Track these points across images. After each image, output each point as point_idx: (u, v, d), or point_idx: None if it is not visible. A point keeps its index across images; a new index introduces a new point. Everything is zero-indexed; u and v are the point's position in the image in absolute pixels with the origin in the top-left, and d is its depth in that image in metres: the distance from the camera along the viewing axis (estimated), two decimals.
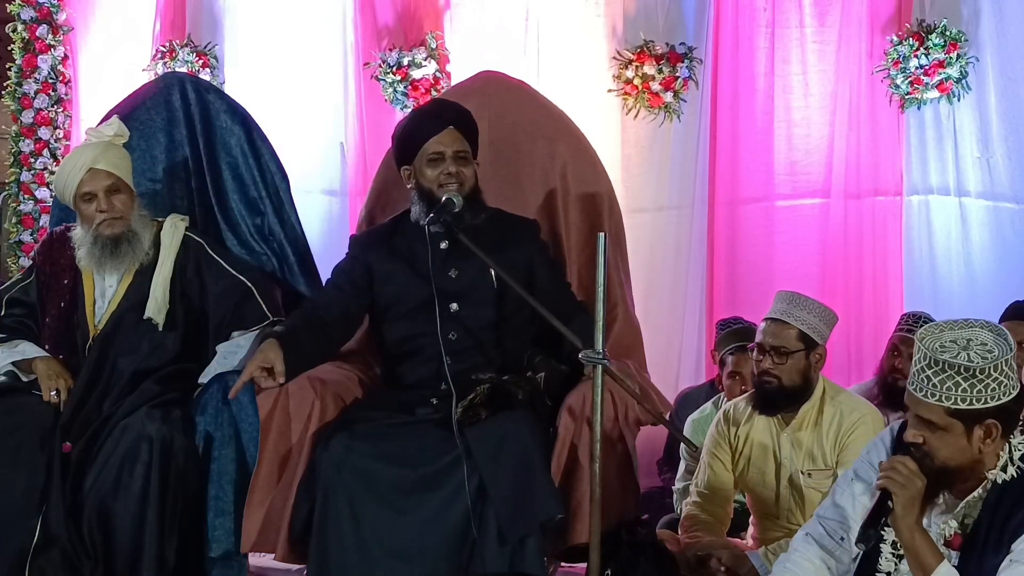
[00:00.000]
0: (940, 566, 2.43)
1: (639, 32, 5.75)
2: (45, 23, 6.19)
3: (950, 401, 2.46)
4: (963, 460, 2.50)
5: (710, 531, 3.63)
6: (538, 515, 3.28)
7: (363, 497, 3.36)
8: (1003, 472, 2.51)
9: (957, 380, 2.45)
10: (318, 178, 5.96)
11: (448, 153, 3.65)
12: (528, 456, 3.31)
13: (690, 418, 4.66)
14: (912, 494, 2.45)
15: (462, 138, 3.69)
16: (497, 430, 3.35)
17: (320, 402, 3.55)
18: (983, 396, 2.46)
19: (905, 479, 2.44)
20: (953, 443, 2.48)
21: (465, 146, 3.69)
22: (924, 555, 2.45)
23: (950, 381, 2.46)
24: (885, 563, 2.58)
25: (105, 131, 3.92)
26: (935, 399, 2.47)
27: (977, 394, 2.45)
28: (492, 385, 3.47)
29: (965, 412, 2.46)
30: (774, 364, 3.55)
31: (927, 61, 5.39)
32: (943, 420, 2.47)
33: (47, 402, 3.68)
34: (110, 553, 3.56)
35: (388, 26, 6.03)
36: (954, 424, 2.47)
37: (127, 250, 3.82)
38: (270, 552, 3.57)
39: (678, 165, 5.73)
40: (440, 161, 3.65)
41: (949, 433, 2.48)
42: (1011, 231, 5.36)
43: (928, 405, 2.48)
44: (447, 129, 3.67)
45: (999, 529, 2.46)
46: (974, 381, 2.45)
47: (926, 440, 2.50)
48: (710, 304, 5.67)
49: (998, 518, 2.47)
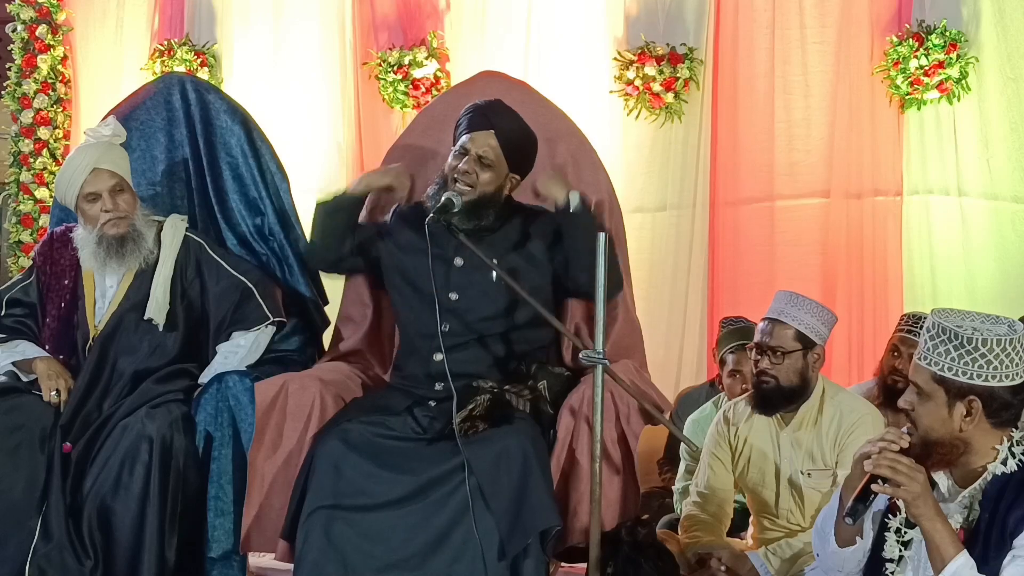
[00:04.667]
0: (959, 556, 2.43)
1: (640, 33, 5.76)
2: (45, 23, 6.21)
3: (937, 367, 2.49)
4: (943, 433, 2.50)
5: (710, 531, 3.63)
6: (535, 525, 3.26)
7: (352, 503, 3.33)
8: (1003, 465, 2.51)
9: (948, 348, 2.48)
10: (317, 178, 5.96)
11: (472, 152, 3.63)
12: (528, 467, 3.29)
13: (690, 418, 4.66)
14: (919, 490, 2.44)
15: (497, 145, 3.63)
16: (496, 443, 3.33)
17: (320, 401, 3.55)
18: (970, 371, 2.47)
19: (907, 477, 2.43)
20: (935, 412, 2.50)
21: (496, 153, 3.63)
22: (945, 545, 2.44)
23: (942, 347, 2.49)
24: (889, 550, 2.58)
25: (102, 131, 3.92)
26: (925, 362, 2.51)
27: (964, 366, 2.47)
28: (492, 396, 3.45)
29: (950, 381, 2.48)
30: (771, 364, 3.55)
31: (927, 61, 5.39)
32: (928, 385, 2.51)
33: (47, 402, 3.68)
34: (110, 553, 3.56)
35: (387, 25, 6.04)
36: (937, 391, 2.50)
37: (132, 249, 3.82)
38: (270, 552, 3.57)
39: (679, 165, 5.74)
40: (462, 156, 3.64)
41: (932, 401, 2.50)
42: (1011, 231, 5.36)
43: (918, 368, 2.53)
44: (486, 131, 3.64)
45: (1001, 524, 2.46)
46: (964, 353, 2.47)
47: (913, 407, 2.54)
48: (711, 304, 5.67)
49: (999, 513, 2.47)
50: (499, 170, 3.65)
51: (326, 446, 3.39)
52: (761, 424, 3.65)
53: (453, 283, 3.66)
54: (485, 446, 3.34)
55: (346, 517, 3.31)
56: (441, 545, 3.28)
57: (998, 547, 2.45)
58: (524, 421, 3.42)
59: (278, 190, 4.20)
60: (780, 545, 3.48)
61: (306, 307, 4.14)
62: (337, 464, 3.36)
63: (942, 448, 2.52)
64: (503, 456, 3.30)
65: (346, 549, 3.29)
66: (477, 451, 3.32)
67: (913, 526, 2.55)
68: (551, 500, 3.30)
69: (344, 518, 3.31)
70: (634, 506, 3.55)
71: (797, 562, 3.43)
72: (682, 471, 4.41)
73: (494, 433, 3.37)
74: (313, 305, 4.16)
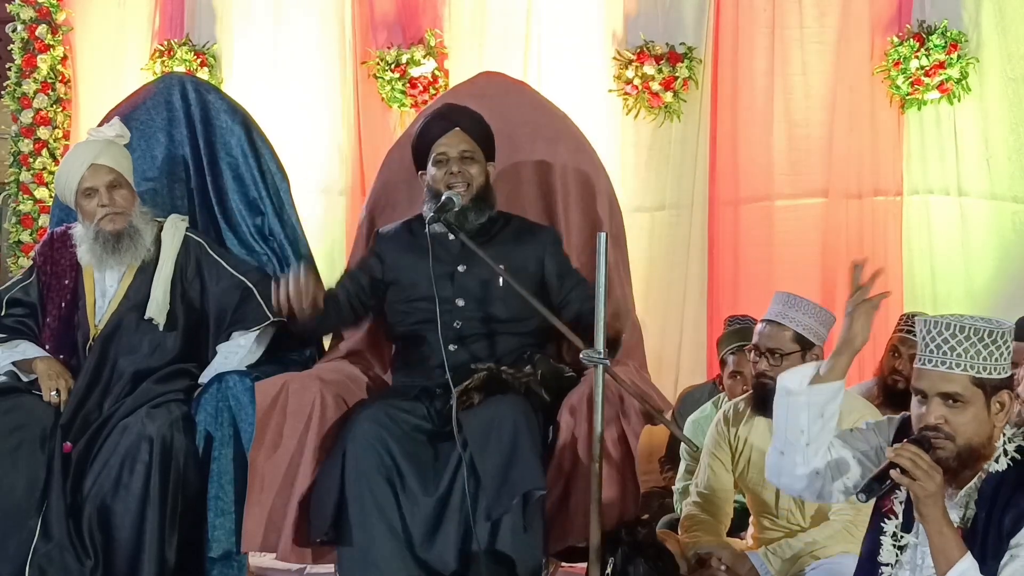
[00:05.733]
0: (963, 559, 2.43)
1: (639, 32, 5.76)
2: (45, 23, 6.20)
3: (974, 370, 2.46)
4: (984, 436, 2.48)
5: (710, 531, 3.63)
6: (519, 486, 3.27)
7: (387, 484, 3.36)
8: (995, 463, 2.51)
9: (979, 348, 2.45)
10: (317, 178, 5.97)
11: (452, 154, 3.68)
12: (517, 433, 3.32)
13: (690, 418, 4.66)
14: (934, 489, 2.42)
15: (469, 138, 3.72)
16: (488, 411, 3.38)
17: (320, 401, 3.54)
18: (1000, 365, 2.47)
19: (925, 474, 2.41)
20: (976, 416, 2.47)
21: (471, 146, 3.72)
22: (950, 548, 2.43)
23: (972, 349, 2.45)
24: (886, 555, 2.58)
25: (107, 132, 3.93)
26: (960, 368, 2.46)
27: (995, 362, 2.46)
28: (489, 373, 3.49)
29: (986, 381, 2.46)
30: (770, 366, 3.54)
31: (927, 62, 5.39)
32: (968, 390, 2.46)
33: (47, 402, 3.68)
34: (110, 553, 3.56)
35: (387, 23, 6.04)
36: (977, 395, 2.47)
37: (128, 246, 3.82)
38: (270, 552, 3.57)
39: (678, 165, 5.74)
40: (445, 162, 3.68)
41: (972, 406, 2.47)
42: (1011, 231, 5.36)
43: (952, 376, 2.47)
44: (453, 130, 3.71)
45: (997, 523, 2.46)
46: (992, 348, 2.46)
47: (948, 420, 2.48)
48: (710, 304, 5.67)
49: (996, 512, 2.47)
50: (480, 160, 3.73)
51: (360, 429, 3.40)
52: (761, 424, 3.64)
53: (458, 289, 3.67)
54: (477, 414, 3.38)
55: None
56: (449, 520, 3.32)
57: (995, 547, 2.45)
58: (517, 396, 3.46)
59: (278, 190, 4.21)
60: (780, 545, 3.48)
61: None
62: (375, 441, 3.37)
63: (984, 451, 2.50)
64: (494, 421, 3.34)
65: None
66: (470, 419, 3.36)
67: (909, 530, 2.55)
68: (538, 464, 3.32)
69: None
70: (634, 506, 3.55)
71: (797, 562, 3.43)
72: (682, 471, 4.41)
73: (488, 402, 3.41)
74: None
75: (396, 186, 4.20)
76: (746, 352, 3.77)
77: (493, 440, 3.32)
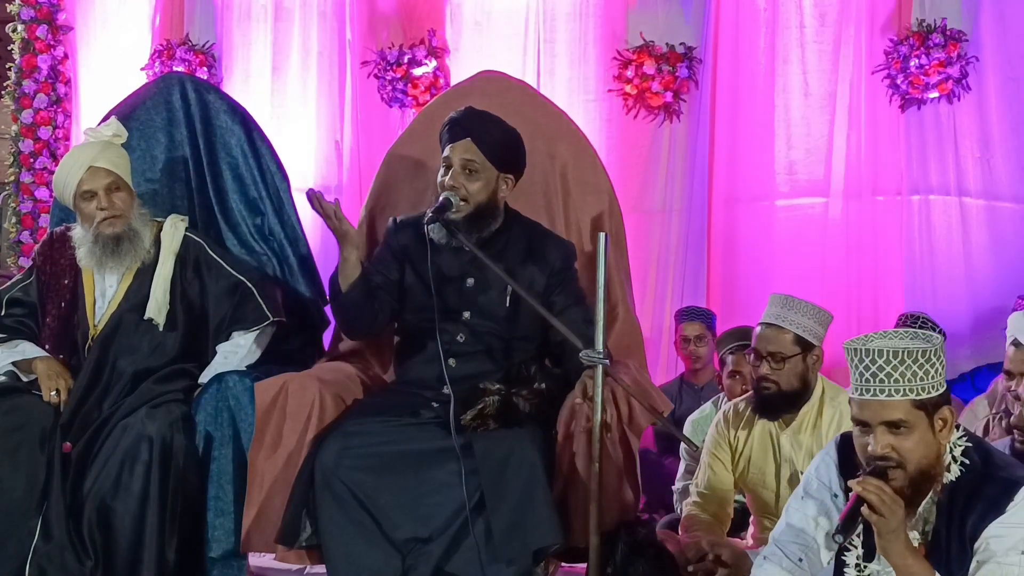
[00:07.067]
0: None
1: (639, 32, 5.76)
2: (45, 23, 6.20)
3: (913, 392, 2.42)
4: (933, 456, 2.45)
5: (710, 531, 3.63)
6: (534, 542, 3.27)
7: (356, 501, 3.35)
8: (948, 472, 2.48)
9: (915, 369, 2.41)
10: (316, 177, 5.97)
11: (455, 163, 3.62)
12: (534, 478, 3.29)
13: (690, 418, 4.66)
14: (896, 523, 2.39)
15: (478, 150, 3.61)
16: (504, 445, 3.33)
17: (319, 401, 3.54)
18: (936, 381, 2.44)
19: (889, 509, 2.37)
20: (923, 438, 2.43)
21: (478, 158, 3.60)
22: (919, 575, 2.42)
23: (908, 372, 2.41)
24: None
25: (104, 131, 3.92)
26: (900, 394, 2.42)
27: (932, 380, 2.43)
28: (502, 398, 3.45)
29: (927, 401, 2.42)
30: (771, 369, 3.54)
31: (927, 61, 5.40)
32: (911, 414, 2.42)
33: (47, 402, 3.68)
34: (110, 553, 3.56)
35: (387, 23, 6.04)
36: (920, 417, 2.43)
37: (128, 248, 3.82)
38: (270, 552, 3.57)
39: (678, 165, 5.74)
40: (448, 169, 3.64)
41: (917, 429, 2.43)
42: (1011, 231, 5.37)
43: (893, 404, 2.43)
44: (464, 140, 3.62)
45: (958, 531, 2.43)
46: (928, 367, 2.42)
47: (895, 447, 2.43)
48: (709, 303, 5.67)
49: (955, 520, 2.44)
50: (487, 175, 3.63)
51: (324, 454, 3.39)
52: (761, 425, 3.65)
53: (465, 302, 3.66)
54: (494, 443, 3.34)
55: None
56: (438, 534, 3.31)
57: (960, 555, 2.43)
58: (533, 426, 3.43)
59: (278, 190, 4.20)
60: None
61: (306, 307, 4.15)
62: (333, 472, 3.36)
63: (934, 471, 2.46)
64: (511, 457, 3.30)
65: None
66: (485, 449, 3.32)
67: (871, 559, 2.51)
68: (554, 515, 3.29)
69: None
70: (634, 506, 3.55)
71: None
72: (682, 471, 4.42)
73: (505, 434, 3.37)
74: (313, 305, 4.16)
75: (396, 186, 4.20)
76: (745, 356, 3.77)
77: (509, 481, 3.28)
